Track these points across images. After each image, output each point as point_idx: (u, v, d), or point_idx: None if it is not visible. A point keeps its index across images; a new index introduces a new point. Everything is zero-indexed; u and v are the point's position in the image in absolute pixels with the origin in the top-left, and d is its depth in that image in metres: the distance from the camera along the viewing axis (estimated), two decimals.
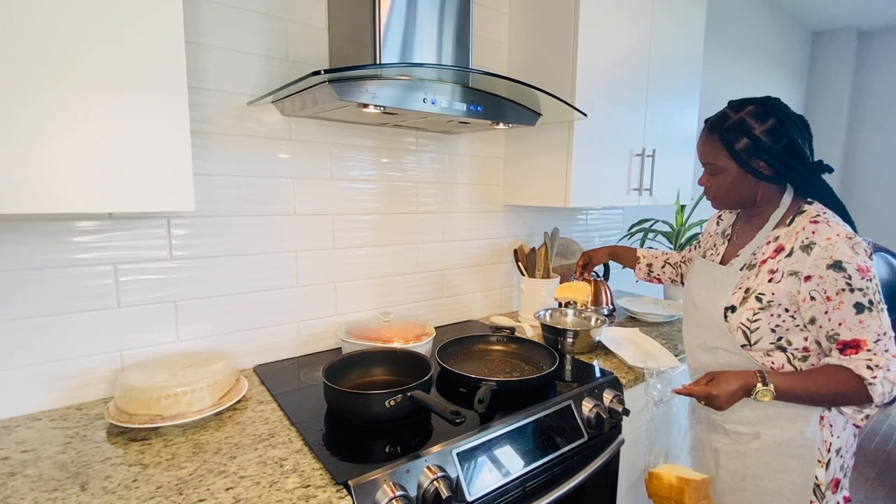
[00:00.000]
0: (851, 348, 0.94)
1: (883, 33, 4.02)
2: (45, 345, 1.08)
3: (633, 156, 1.87)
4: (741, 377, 1.01)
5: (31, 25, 0.75)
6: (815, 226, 0.98)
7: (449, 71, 1.21)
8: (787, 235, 1.02)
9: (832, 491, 1.04)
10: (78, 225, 1.09)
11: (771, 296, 1.00)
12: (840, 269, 0.93)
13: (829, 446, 1.02)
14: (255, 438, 0.99)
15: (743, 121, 1.02)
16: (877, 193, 4.14)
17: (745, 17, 3.20)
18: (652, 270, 1.56)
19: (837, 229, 0.96)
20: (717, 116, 1.08)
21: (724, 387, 1.01)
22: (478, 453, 1.01)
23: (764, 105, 1.02)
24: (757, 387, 0.99)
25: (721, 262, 1.16)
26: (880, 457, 2.82)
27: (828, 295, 0.94)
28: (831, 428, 1.03)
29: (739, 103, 1.05)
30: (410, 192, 1.67)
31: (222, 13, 1.22)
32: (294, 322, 1.45)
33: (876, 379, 0.91)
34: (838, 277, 0.93)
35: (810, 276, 0.96)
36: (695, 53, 2.10)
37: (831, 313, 0.95)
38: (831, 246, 0.94)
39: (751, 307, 1.03)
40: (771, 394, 0.98)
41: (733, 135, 1.02)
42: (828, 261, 0.94)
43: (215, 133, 1.24)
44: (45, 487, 0.81)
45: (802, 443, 1.03)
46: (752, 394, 1.00)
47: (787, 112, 1.02)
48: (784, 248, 1.02)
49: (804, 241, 0.98)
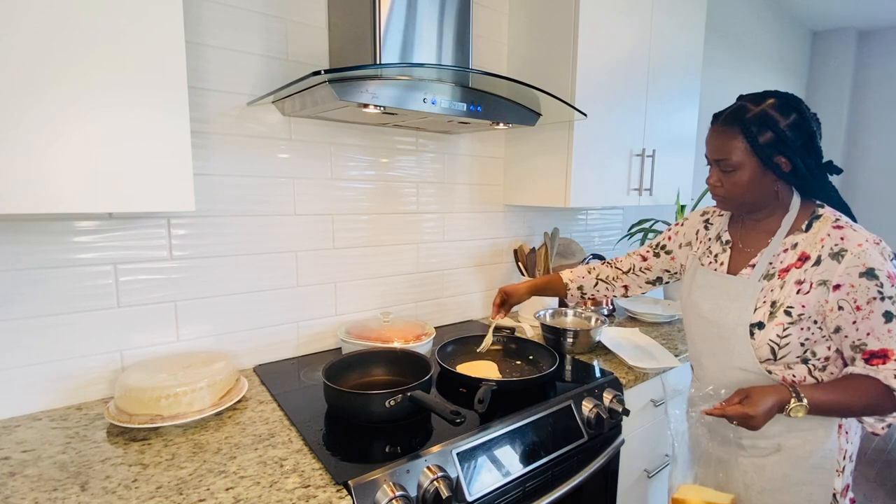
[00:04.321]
0: (878, 358, 0.90)
1: (883, 33, 4.02)
2: (46, 345, 1.08)
3: (633, 156, 1.87)
4: (775, 394, 0.94)
5: (32, 26, 0.75)
6: (841, 231, 0.93)
7: (449, 71, 1.21)
8: (810, 242, 0.97)
9: (842, 495, 1.02)
10: (78, 225, 1.09)
11: (801, 308, 0.94)
12: (873, 276, 0.88)
13: (844, 453, 1.01)
14: (255, 438, 0.99)
15: (766, 113, 0.94)
16: (878, 193, 4.13)
17: (745, 17, 3.20)
18: (584, 293, 1.43)
19: (864, 234, 0.92)
20: (733, 109, 0.98)
21: (759, 405, 0.93)
22: (478, 453, 1.01)
23: (786, 98, 0.95)
24: (791, 402, 0.92)
25: (729, 272, 1.08)
26: (880, 457, 2.82)
27: (858, 304, 0.90)
28: (847, 435, 1.01)
29: (758, 96, 0.97)
30: (410, 192, 1.67)
31: (222, 13, 1.22)
32: (294, 322, 1.45)
33: None
34: (871, 286, 0.88)
35: (840, 285, 0.91)
36: (695, 53, 2.10)
37: (860, 323, 0.90)
38: (863, 253, 0.89)
39: (780, 322, 0.96)
40: (805, 409, 0.92)
41: (758, 128, 0.93)
42: (860, 269, 0.89)
43: (215, 133, 1.24)
44: (45, 487, 0.81)
45: (823, 453, 0.99)
46: (786, 410, 0.93)
47: (807, 108, 0.96)
48: (809, 257, 0.95)
49: (833, 249, 0.93)
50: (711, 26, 2.78)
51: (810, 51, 4.20)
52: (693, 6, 2.04)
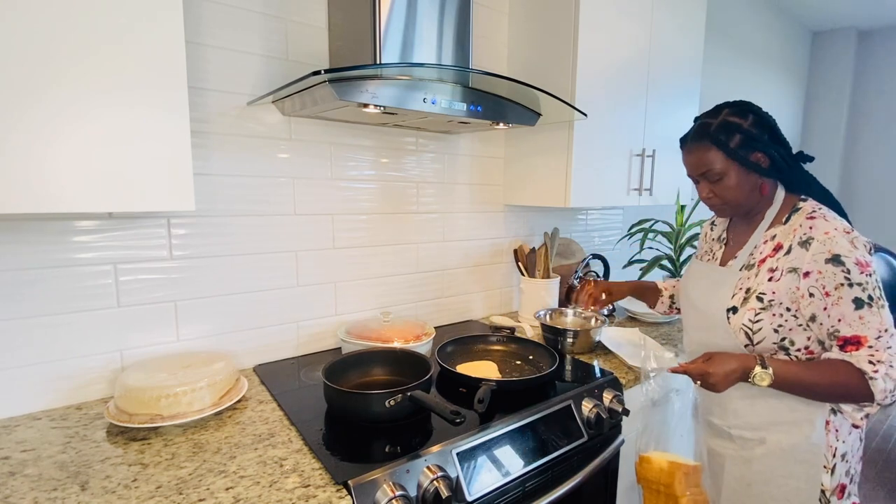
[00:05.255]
0: (852, 345, 0.93)
1: (883, 33, 4.02)
2: (45, 344, 1.08)
3: (633, 156, 1.87)
4: (740, 359, 1.00)
5: (32, 27, 0.75)
6: (813, 221, 0.98)
7: (449, 71, 1.21)
8: (785, 233, 1.02)
9: (838, 497, 1.03)
10: (78, 224, 1.09)
11: (772, 294, 1.00)
12: (839, 263, 0.92)
13: (834, 451, 1.02)
14: (255, 438, 0.99)
15: (727, 121, 1.02)
16: (877, 193, 4.13)
17: (745, 17, 3.20)
18: (675, 302, 1.47)
19: (835, 223, 0.96)
20: (696, 128, 1.07)
21: (720, 366, 0.99)
22: (478, 453, 1.01)
23: (738, 104, 1.05)
24: (755, 370, 0.97)
25: (720, 264, 1.15)
26: (880, 457, 2.82)
27: (826, 290, 0.93)
28: (837, 433, 1.02)
29: (712, 111, 1.06)
30: (410, 192, 1.67)
31: (222, 13, 1.22)
32: (294, 322, 1.45)
33: (878, 374, 0.89)
34: (837, 272, 0.92)
35: (809, 272, 0.95)
36: (695, 53, 2.10)
37: (830, 309, 0.94)
38: (829, 240, 0.93)
39: (752, 307, 1.02)
40: (770, 377, 0.96)
41: (724, 135, 1.01)
42: (826, 255, 0.93)
43: (215, 133, 1.24)
44: (44, 487, 0.82)
45: (808, 448, 1.01)
46: (750, 377, 0.98)
47: (759, 108, 1.04)
48: (782, 246, 1.01)
49: (802, 237, 0.98)
50: (711, 26, 2.78)
51: (810, 51, 4.20)
52: (693, 6, 2.04)
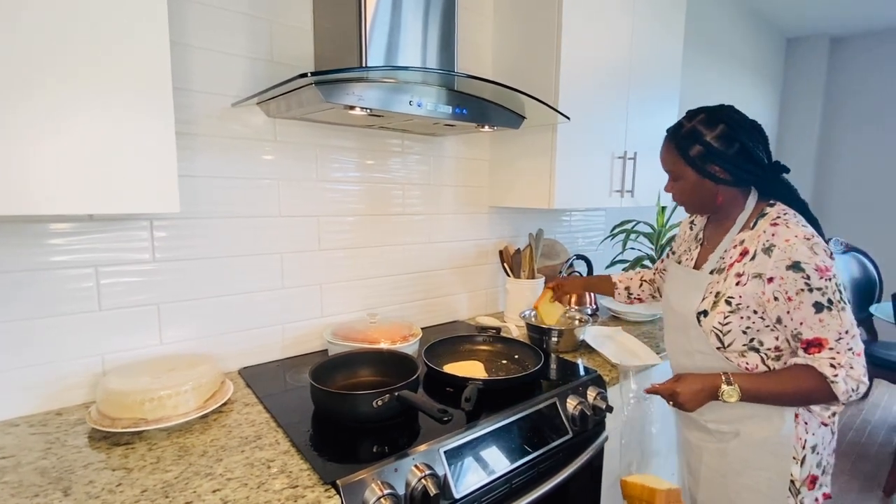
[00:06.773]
0: (815, 347, 0.97)
1: (854, 40, 4.16)
2: (24, 349, 1.06)
3: (615, 158, 1.91)
4: (706, 379, 1.05)
5: (13, 28, 0.74)
6: (775, 228, 1.01)
7: (434, 74, 1.22)
8: (751, 238, 1.05)
9: (808, 487, 1.06)
10: (57, 227, 1.07)
11: (739, 298, 1.03)
12: (799, 269, 0.96)
13: (803, 443, 1.05)
14: (242, 441, 0.98)
15: (694, 129, 1.06)
16: (849, 195, 4.26)
17: (722, 23, 3.28)
18: (631, 293, 1.54)
19: (796, 230, 0.99)
20: (674, 125, 1.12)
21: (687, 386, 1.06)
22: (465, 451, 1.02)
23: (715, 112, 1.06)
24: (722, 387, 1.02)
25: (695, 267, 1.18)
26: (854, 450, 2.91)
27: (788, 295, 0.97)
28: (806, 425, 1.06)
29: (694, 112, 1.09)
30: (396, 193, 1.67)
31: (207, 14, 1.21)
32: (279, 324, 1.44)
33: (838, 377, 0.94)
34: (797, 278, 0.96)
35: (772, 278, 0.99)
36: (674, 58, 2.15)
37: (793, 313, 0.98)
38: (790, 247, 0.97)
39: (721, 311, 1.06)
40: (737, 393, 1.02)
41: (687, 142, 1.06)
42: (787, 262, 0.97)
43: (200, 134, 1.23)
44: (26, 493, 0.80)
45: (778, 440, 1.05)
46: (719, 394, 1.03)
47: (737, 118, 1.05)
48: (748, 252, 1.04)
49: (765, 244, 1.01)
50: (690, 32, 2.84)
51: (785, 56, 4.32)
52: (673, 12, 2.09)
